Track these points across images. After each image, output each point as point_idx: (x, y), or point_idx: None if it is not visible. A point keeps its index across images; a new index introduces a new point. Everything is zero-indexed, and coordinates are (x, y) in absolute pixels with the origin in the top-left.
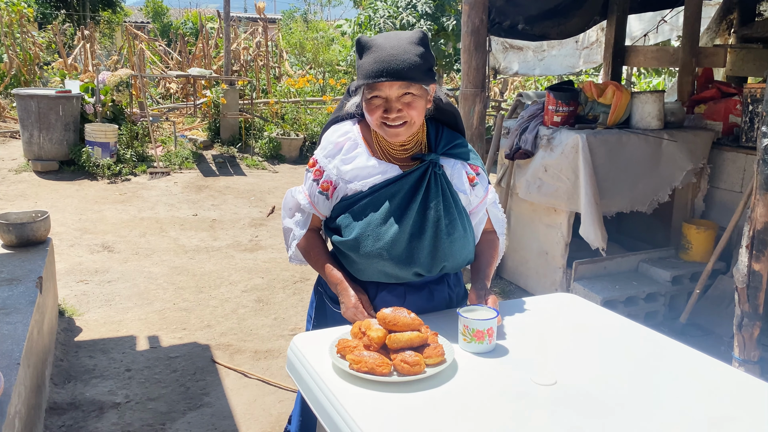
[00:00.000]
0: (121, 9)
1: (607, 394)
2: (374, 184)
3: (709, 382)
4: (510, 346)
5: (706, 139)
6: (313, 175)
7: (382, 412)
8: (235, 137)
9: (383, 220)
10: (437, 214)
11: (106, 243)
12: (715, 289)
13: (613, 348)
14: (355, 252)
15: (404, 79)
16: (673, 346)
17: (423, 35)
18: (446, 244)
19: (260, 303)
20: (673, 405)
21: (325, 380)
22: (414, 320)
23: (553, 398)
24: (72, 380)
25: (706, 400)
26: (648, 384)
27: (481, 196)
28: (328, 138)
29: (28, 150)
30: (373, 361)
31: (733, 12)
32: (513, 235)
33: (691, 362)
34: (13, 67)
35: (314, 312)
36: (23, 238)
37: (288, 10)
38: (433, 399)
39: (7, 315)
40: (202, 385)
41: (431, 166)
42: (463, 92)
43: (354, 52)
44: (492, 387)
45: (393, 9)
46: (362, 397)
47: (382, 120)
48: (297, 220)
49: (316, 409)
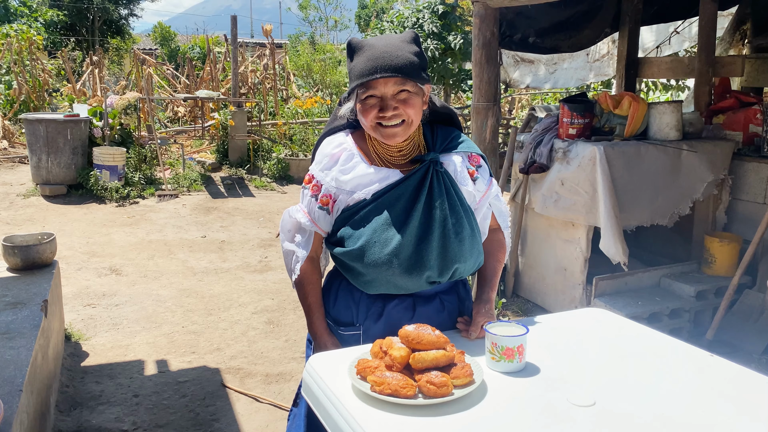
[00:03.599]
0: (130, 36)
1: (650, 414)
2: (377, 191)
3: (758, 399)
4: (541, 365)
5: (726, 149)
6: (311, 191)
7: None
8: (244, 159)
9: (389, 226)
10: (443, 214)
11: (114, 266)
12: (742, 304)
13: (652, 365)
14: (361, 262)
15: (399, 74)
16: (715, 362)
17: (415, 35)
18: (455, 244)
19: (271, 325)
20: (720, 425)
21: (345, 404)
22: (439, 338)
23: (594, 420)
24: (78, 407)
25: (756, 419)
26: (692, 403)
27: (483, 190)
28: (322, 151)
29: (36, 174)
30: (397, 383)
31: (747, 22)
32: (529, 251)
33: (736, 378)
34: (23, 94)
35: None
36: (28, 260)
37: (294, 34)
38: (463, 423)
39: (11, 339)
40: (212, 411)
41: (432, 165)
42: (475, 106)
43: (346, 56)
44: (526, 409)
45: (399, 29)
46: (386, 422)
47: (377, 120)
48: (299, 242)
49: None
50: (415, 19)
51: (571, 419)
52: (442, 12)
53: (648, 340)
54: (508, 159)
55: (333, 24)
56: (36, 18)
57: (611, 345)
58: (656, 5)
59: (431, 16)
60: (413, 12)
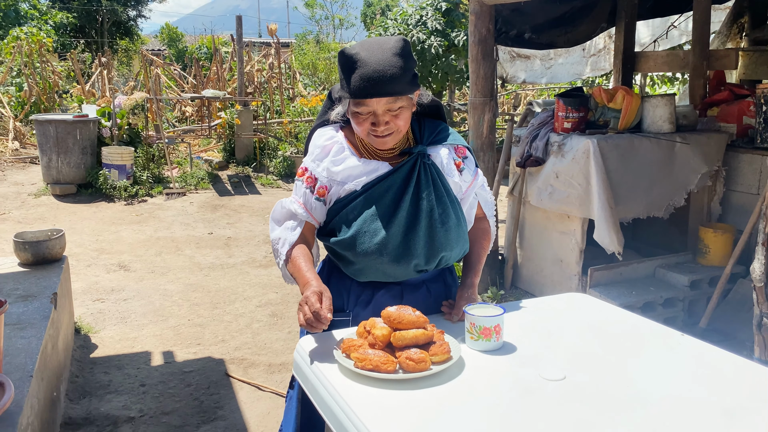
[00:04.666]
0: (138, 37)
1: (618, 388)
2: (366, 183)
3: (724, 374)
4: (518, 344)
5: (720, 141)
6: (306, 183)
7: (387, 409)
8: (250, 157)
9: (378, 217)
10: (430, 204)
11: (123, 262)
12: (736, 294)
13: (624, 343)
14: (352, 251)
15: (392, 95)
16: (686, 341)
17: (405, 43)
18: (441, 233)
19: (274, 317)
20: (686, 397)
21: (331, 380)
22: (419, 318)
23: (563, 393)
24: (87, 396)
25: (720, 393)
26: (658, 377)
27: (469, 180)
28: (314, 143)
29: (46, 174)
30: (378, 359)
31: (744, 15)
32: (527, 243)
33: (704, 356)
34: (33, 95)
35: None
36: (39, 255)
37: (301, 33)
38: (439, 396)
39: (22, 330)
40: (216, 399)
41: (420, 157)
42: (472, 102)
43: (337, 64)
44: (499, 383)
45: (403, 27)
46: (367, 395)
47: (370, 131)
48: (288, 226)
49: (321, 409)
50: (419, 17)
51: (541, 391)
52: (446, 9)
53: (623, 321)
54: (505, 153)
55: (339, 23)
56: (46, 21)
57: (586, 326)
58: (652, 0)
59: (435, 13)
60: (416, 9)
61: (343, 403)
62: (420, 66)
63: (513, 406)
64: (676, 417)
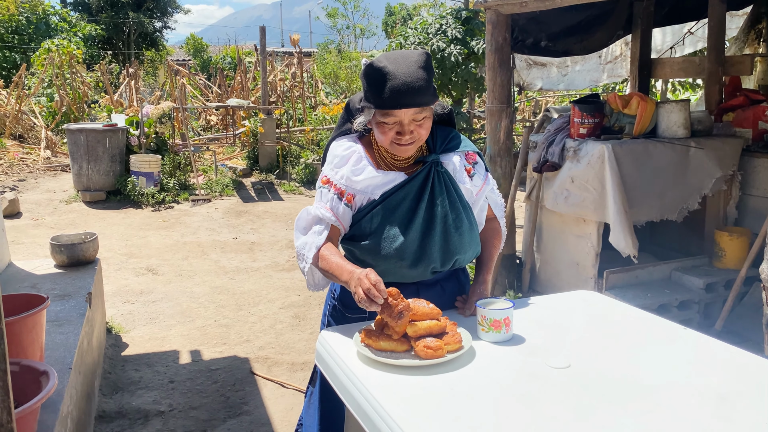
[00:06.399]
0: (164, 48)
1: (620, 376)
2: (384, 192)
3: (721, 363)
4: (527, 335)
5: (735, 146)
6: (334, 189)
7: (403, 393)
8: (273, 164)
9: (396, 224)
10: (444, 210)
11: (151, 266)
12: (751, 297)
13: (628, 335)
14: (372, 255)
15: (419, 106)
16: (687, 334)
17: (427, 57)
18: (455, 237)
19: (297, 319)
20: (685, 384)
21: (351, 366)
22: (432, 310)
23: (567, 380)
24: (119, 391)
25: (716, 380)
26: (658, 365)
27: (479, 185)
28: (333, 152)
29: (77, 181)
30: (394, 344)
31: (762, 21)
32: (544, 247)
33: (703, 347)
34: (64, 105)
35: (326, 321)
36: (74, 258)
37: (323, 43)
38: (450, 381)
39: (60, 326)
40: (242, 395)
41: (433, 166)
42: (489, 108)
43: (362, 76)
44: (506, 370)
45: (423, 35)
46: (385, 381)
47: (395, 141)
48: (315, 231)
49: (342, 394)
50: (438, 26)
51: (546, 377)
52: (465, 17)
53: (629, 316)
54: (522, 158)
55: (360, 32)
56: (75, 33)
57: (593, 319)
58: (667, 7)
59: (455, 21)
60: (436, 18)
61: (362, 387)
62: (440, 74)
63: (518, 391)
64: (675, 402)
